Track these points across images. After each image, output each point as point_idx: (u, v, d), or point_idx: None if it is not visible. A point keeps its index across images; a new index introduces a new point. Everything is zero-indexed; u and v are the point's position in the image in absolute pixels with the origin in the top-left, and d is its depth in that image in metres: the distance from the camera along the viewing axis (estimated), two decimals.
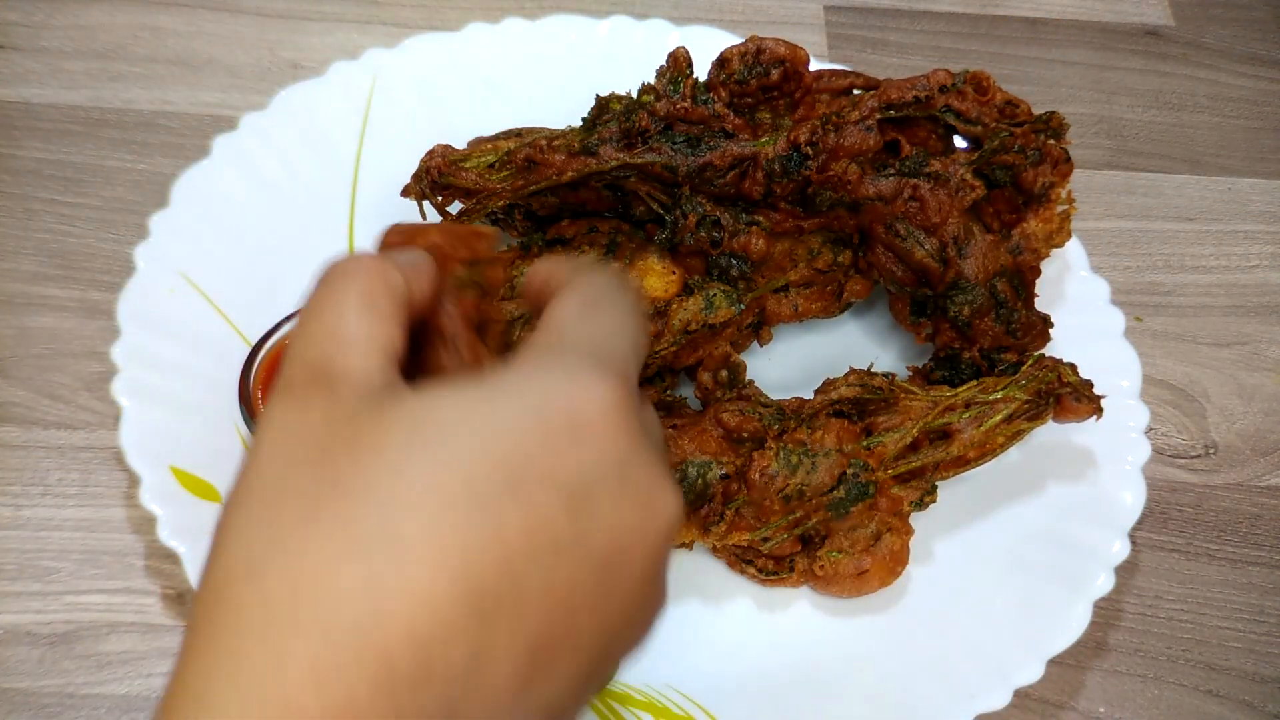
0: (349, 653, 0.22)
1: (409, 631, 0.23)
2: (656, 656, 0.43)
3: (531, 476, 0.24)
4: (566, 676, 0.25)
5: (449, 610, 0.23)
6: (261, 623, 0.23)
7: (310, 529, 0.23)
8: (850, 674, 0.43)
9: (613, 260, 0.46)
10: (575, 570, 0.25)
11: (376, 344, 0.27)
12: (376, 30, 0.65)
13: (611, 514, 0.25)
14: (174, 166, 0.54)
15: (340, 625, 0.22)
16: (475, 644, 0.23)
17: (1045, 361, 0.44)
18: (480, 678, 0.24)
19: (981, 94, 0.47)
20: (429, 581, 0.23)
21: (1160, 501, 0.51)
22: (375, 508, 0.23)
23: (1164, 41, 0.70)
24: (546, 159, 0.45)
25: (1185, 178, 0.63)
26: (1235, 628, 0.47)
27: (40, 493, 0.47)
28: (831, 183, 0.45)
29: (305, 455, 0.25)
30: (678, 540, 0.43)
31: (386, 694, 0.22)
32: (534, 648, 0.24)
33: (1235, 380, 0.55)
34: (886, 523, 0.43)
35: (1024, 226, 0.47)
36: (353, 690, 0.22)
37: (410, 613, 0.23)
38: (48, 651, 0.43)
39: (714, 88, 0.45)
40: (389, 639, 0.23)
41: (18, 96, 0.60)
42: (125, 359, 0.45)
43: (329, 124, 0.55)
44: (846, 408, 0.44)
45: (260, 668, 0.22)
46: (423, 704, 0.23)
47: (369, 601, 0.23)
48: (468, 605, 0.23)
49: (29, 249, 0.54)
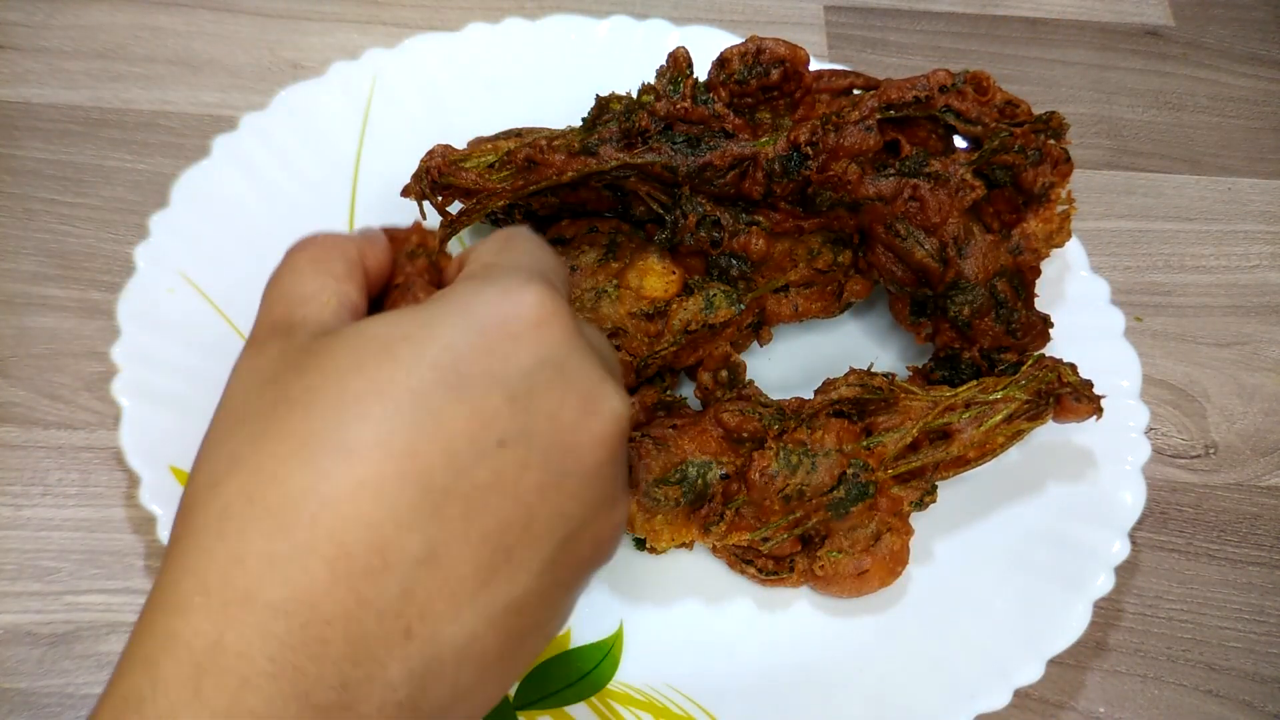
0: (304, 543, 0.23)
1: (360, 520, 0.24)
2: (656, 656, 0.43)
3: (471, 377, 0.25)
4: (528, 570, 0.26)
5: (398, 501, 0.24)
6: (220, 526, 0.24)
7: (263, 442, 0.25)
8: (850, 674, 0.43)
9: (613, 260, 0.46)
10: (523, 460, 0.26)
11: (329, 294, 0.29)
12: (376, 30, 0.65)
13: (554, 406, 0.26)
14: (174, 166, 0.54)
15: (294, 521, 0.24)
16: (429, 533, 0.24)
17: (1045, 361, 0.44)
18: (438, 568, 0.24)
19: (981, 94, 0.47)
20: (376, 476, 0.24)
21: (1160, 501, 0.51)
22: (322, 417, 0.25)
23: (1164, 41, 0.70)
24: (546, 159, 0.45)
25: (1185, 178, 0.63)
26: (1235, 628, 0.47)
27: (40, 493, 0.47)
28: (831, 183, 0.45)
29: (261, 382, 0.26)
30: (678, 540, 0.43)
31: (343, 579, 0.23)
32: (490, 537, 0.25)
33: (1235, 380, 0.55)
34: (886, 523, 0.43)
35: (1024, 226, 0.47)
36: (311, 577, 0.23)
37: (359, 503, 0.24)
38: (48, 651, 0.43)
39: (714, 88, 0.45)
40: (341, 527, 0.24)
41: (18, 96, 0.60)
42: (125, 359, 0.45)
43: (329, 124, 0.55)
44: (846, 408, 0.44)
45: (222, 565, 0.24)
46: (381, 590, 0.24)
47: (319, 496, 0.24)
48: (417, 497, 0.24)
49: (29, 249, 0.54)
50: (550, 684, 0.42)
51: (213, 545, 0.24)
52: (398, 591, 0.24)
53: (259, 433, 0.25)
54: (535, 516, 0.26)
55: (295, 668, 0.23)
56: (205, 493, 0.25)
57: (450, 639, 0.25)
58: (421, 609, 0.24)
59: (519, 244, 0.30)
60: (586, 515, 0.27)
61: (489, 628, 0.25)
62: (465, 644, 0.25)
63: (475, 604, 0.25)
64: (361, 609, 0.23)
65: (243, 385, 0.27)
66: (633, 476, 0.43)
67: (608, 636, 0.44)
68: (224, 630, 0.23)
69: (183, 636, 0.23)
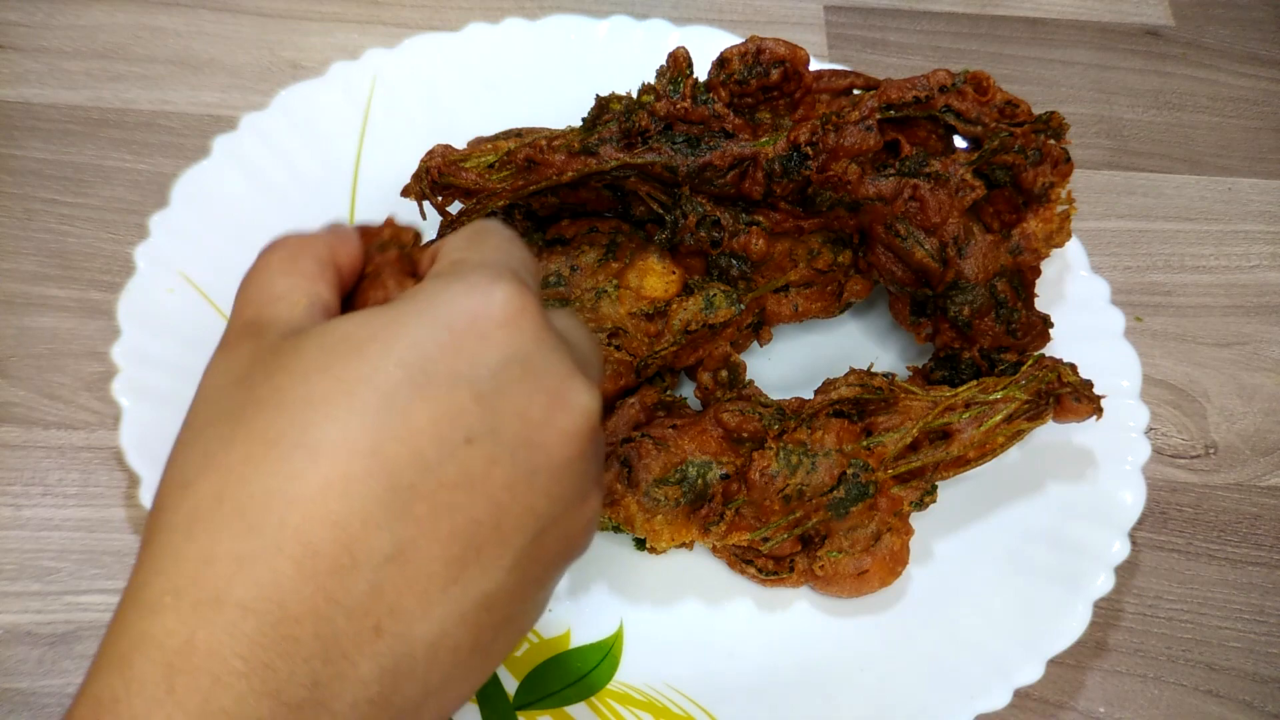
0: (271, 542, 0.24)
1: (326, 519, 0.24)
2: (656, 656, 0.43)
3: (438, 375, 0.26)
4: (499, 567, 0.26)
5: (365, 499, 0.24)
6: (189, 527, 0.24)
7: (232, 444, 0.25)
8: (850, 674, 0.43)
9: (613, 260, 0.46)
10: (490, 458, 0.26)
11: (300, 294, 0.29)
12: (376, 30, 0.65)
13: (522, 403, 0.26)
14: (174, 166, 0.54)
15: (262, 521, 0.24)
16: (397, 531, 0.24)
17: (1045, 361, 0.44)
18: (407, 565, 0.25)
19: (981, 94, 0.47)
20: (342, 475, 0.24)
21: (1160, 501, 0.51)
22: (289, 417, 0.25)
23: (1164, 41, 0.70)
24: (546, 159, 0.45)
25: (1185, 178, 0.63)
26: (1235, 628, 0.47)
27: (40, 493, 0.47)
28: (831, 183, 0.45)
29: (231, 382, 0.27)
30: (678, 540, 0.43)
31: (311, 578, 0.24)
32: (459, 535, 0.25)
33: (1235, 380, 0.55)
34: (886, 523, 0.43)
35: (1024, 226, 0.47)
36: (279, 576, 0.23)
37: (326, 501, 0.24)
38: (48, 651, 0.43)
39: (714, 88, 0.45)
40: (308, 527, 0.24)
41: (18, 96, 0.60)
42: (125, 359, 0.45)
43: (329, 124, 0.55)
44: (846, 408, 0.44)
45: (192, 565, 0.24)
46: (350, 588, 0.24)
47: (286, 496, 0.24)
48: (385, 494, 0.24)
49: (29, 249, 0.54)
50: (550, 684, 0.42)
51: (182, 545, 0.24)
52: (366, 589, 0.24)
53: (228, 435, 0.25)
54: (505, 513, 0.26)
55: (266, 666, 0.23)
56: (176, 493, 0.25)
57: (421, 636, 0.25)
58: (391, 606, 0.24)
59: (489, 238, 0.30)
60: (557, 511, 0.27)
61: (460, 624, 0.26)
62: (436, 640, 0.25)
63: (445, 600, 0.25)
64: (330, 607, 0.24)
65: (214, 385, 0.27)
66: (633, 476, 0.43)
67: (607, 636, 0.44)
68: (195, 630, 0.23)
69: (154, 636, 0.23)
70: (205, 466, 0.25)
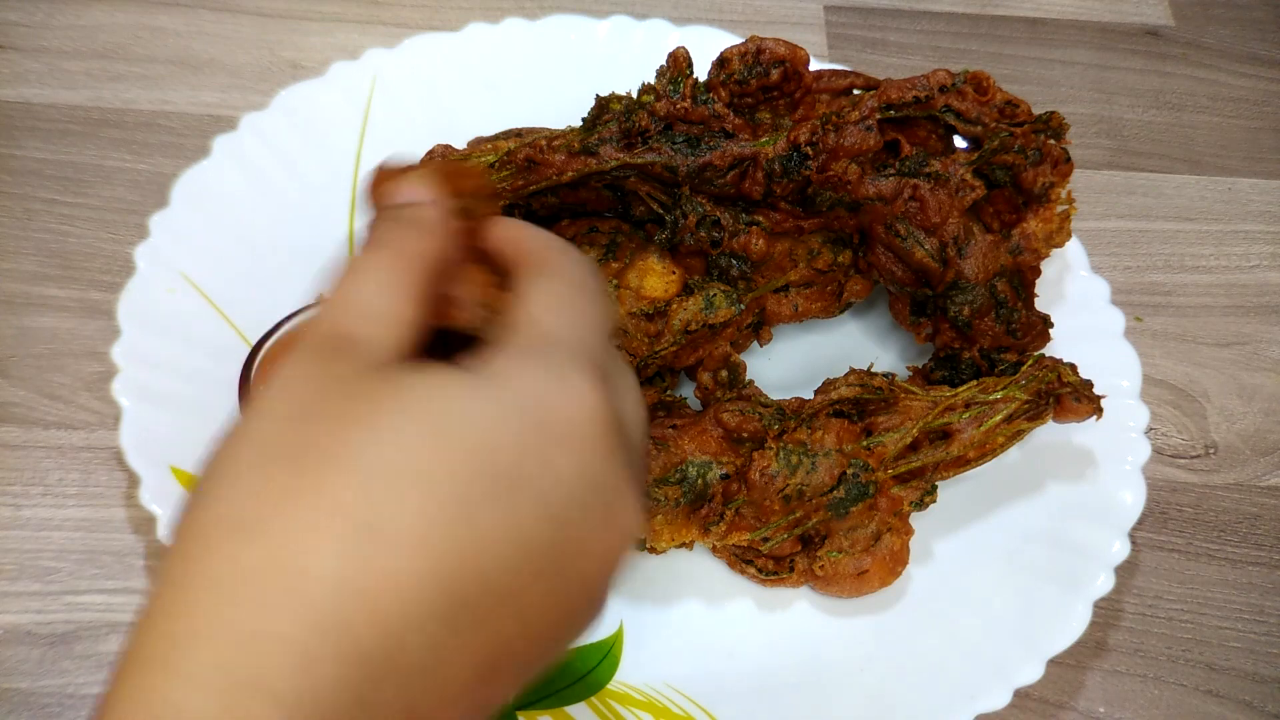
0: (322, 636, 0.22)
1: (381, 621, 0.23)
2: (656, 656, 0.43)
3: (517, 481, 0.25)
4: (511, 681, 0.26)
5: (418, 607, 0.23)
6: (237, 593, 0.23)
7: (294, 500, 0.23)
8: (850, 674, 0.43)
9: (613, 260, 0.46)
10: (537, 572, 0.25)
11: (395, 321, 0.27)
12: (376, 30, 0.65)
13: (579, 529, 0.26)
14: (174, 166, 0.54)
15: (316, 606, 0.23)
16: (438, 644, 0.24)
17: (1045, 361, 0.44)
18: (437, 678, 0.24)
19: (981, 94, 0.47)
20: (404, 574, 0.23)
21: (1160, 501, 0.51)
22: (359, 485, 0.24)
23: (1164, 41, 0.70)
24: (546, 159, 0.45)
25: (1185, 178, 0.63)
26: (1235, 628, 0.47)
27: (40, 493, 0.47)
28: (831, 183, 0.45)
29: (297, 416, 0.25)
30: (678, 540, 0.43)
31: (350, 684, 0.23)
32: (491, 655, 0.25)
33: (1235, 380, 0.55)
34: (886, 523, 0.43)
35: (1024, 226, 0.47)
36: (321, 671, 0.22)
37: (382, 601, 0.23)
38: (48, 651, 0.43)
39: (714, 88, 0.45)
40: (361, 622, 0.23)
41: (18, 96, 0.60)
42: (125, 359, 0.45)
43: (329, 124, 0.55)
44: (846, 408, 0.44)
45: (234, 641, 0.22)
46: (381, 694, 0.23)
47: (344, 585, 0.23)
48: (437, 605, 0.23)
49: (29, 249, 0.54)
50: (550, 684, 0.42)
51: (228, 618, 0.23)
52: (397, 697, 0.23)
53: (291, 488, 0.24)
54: (531, 638, 0.26)
55: None
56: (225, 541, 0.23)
57: None
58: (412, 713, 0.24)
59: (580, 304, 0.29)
60: (573, 626, 0.27)
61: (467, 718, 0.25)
62: None
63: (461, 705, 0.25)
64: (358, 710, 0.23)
65: (278, 411, 0.25)
66: None
67: (608, 636, 0.44)
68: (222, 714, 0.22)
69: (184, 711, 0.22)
70: (261, 518, 0.23)
